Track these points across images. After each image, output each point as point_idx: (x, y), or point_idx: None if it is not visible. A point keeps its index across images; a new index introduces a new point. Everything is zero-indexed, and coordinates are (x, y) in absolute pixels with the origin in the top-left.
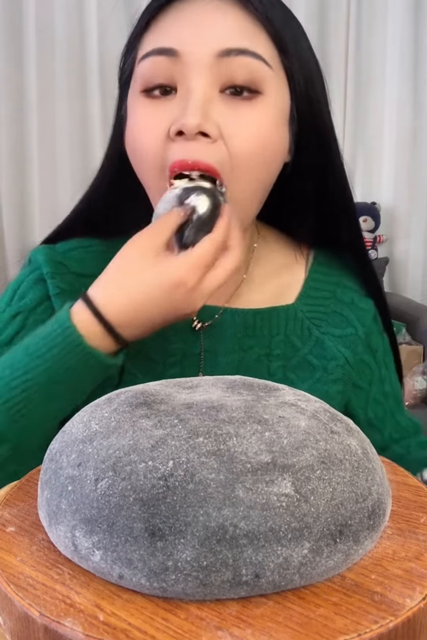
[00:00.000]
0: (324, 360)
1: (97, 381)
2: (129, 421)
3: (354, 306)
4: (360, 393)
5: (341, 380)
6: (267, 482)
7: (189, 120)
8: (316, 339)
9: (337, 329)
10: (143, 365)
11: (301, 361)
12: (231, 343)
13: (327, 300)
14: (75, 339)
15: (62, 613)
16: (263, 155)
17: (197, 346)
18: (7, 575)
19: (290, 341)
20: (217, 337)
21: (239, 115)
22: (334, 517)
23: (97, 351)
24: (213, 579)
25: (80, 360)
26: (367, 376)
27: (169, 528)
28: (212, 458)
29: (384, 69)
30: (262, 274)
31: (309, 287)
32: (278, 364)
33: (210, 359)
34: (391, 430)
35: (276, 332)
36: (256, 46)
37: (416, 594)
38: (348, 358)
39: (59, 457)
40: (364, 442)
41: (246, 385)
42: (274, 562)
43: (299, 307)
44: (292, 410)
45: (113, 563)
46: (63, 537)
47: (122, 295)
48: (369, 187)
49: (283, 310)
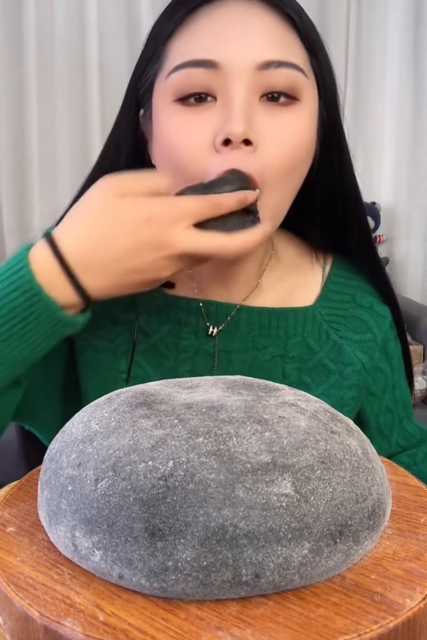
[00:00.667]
0: (340, 365)
1: (48, 337)
2: (129, 421)
3: (373, 311)
4: (373, 400)
5: (356, 387)
6: (267, 482)
7: (236, 128)
8: (334, 342)
9: (356, 334)
10: (154, 360)
11: (317, 365)
12: (244, 341)
13: (346, 304)
14: (25, 274)
15: (62, 613)
16: (298, 161)
17: (211, 345)
18: (7, 575)
19: (307, 344)
20: (232, 335)
21: (278, 122)
22: (334, 517)
23: (47, 295)
24: (213, 579)
25: (27, 300)
26: (382, 383)
27: (169, 528)
28: (212, 458)
29: (384, 68)
30: (277, 274)
31: (329, 289)
32: (293, 366)
33: (224, 358)
34: (398, 437)
35: (293, 333)
36: (293, 56)
37: (416, 594)
38: (365, 364)
39: (59, 457)
40: (364, 442)
41: (246, 386)
42: (274, 562)
43: (318, 310)
44: (292, 410)
45: (113, 563)
46: (63, 537)
47: (83, 227)
48: (369, 187)
49: (301, 312)
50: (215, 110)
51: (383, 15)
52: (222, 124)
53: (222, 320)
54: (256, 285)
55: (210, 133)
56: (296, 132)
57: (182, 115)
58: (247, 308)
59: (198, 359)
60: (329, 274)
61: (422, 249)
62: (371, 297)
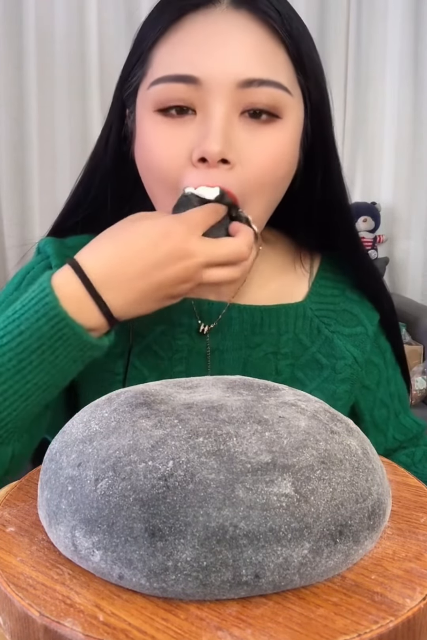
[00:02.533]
0: (332, 359)
1: (77, 361)
2: (129, 421)
3: (364, 305)
4: (367, 394)
5: (349, 380)
6: (267, 482)
7: (212, 148)
8: (325, 337)
9: (347, 328)
10: (149, 361)
11: (310, 360)
12: (237, 340)
13: (337, 298)
14: (50, 301)
15: (62, 613)
16: (277, 177)
17: (203, 344)
18: (7, 575)
19: (298, 339)
20: (224, 334)
21: (258, 139)
22: (334, 517)
23: (73, 320)
24: (213, 579)
25: (54, 327)
26: (375, 377)
27: (169, 528)
28: (212, 458)
29: (384, 68)
30: (266, 272)
31: (319, 284)
32: (286, 363)
33: (218, 356)
34: (394, 432)
35: (285, 330)
36: (276, 74)
37: (416, 594)
38: (357, 357)
39: (59, 457)
40: (364, 442)
41: (246, 386)
42: (274, 562)
43: (309, 305)
44: (292, 410)
45: (113, 563)
46: (63, 537)
47: (105, 249)
48: (369, 187)
49: (292, 308)
50: (194, 125)
51: (383, 15)
52: (199, 140)
53: (215, 319)
54: (244, 281)
55: (187, 147)
56: (275, 151)
57: (162, 126)
58: (239, 306)
59: (192, 359)
60: (318, 269)
61: (422, 249)
62: (360, 291)
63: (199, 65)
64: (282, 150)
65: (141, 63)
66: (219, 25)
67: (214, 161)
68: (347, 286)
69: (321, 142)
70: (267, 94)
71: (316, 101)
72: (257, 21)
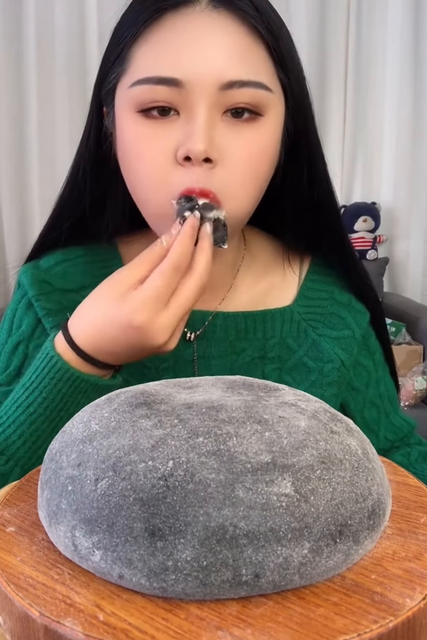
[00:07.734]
0: (320, 362)
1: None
2: (129, 421)
3: (352, 308)
4: (357, 395)
5: (336, 383)
6: (267, 482)
7: (196, 147)
8: (312, 340)
9: (334, 331)
10: (137, 371)
11: (297, 363)
12: (223, 346)
13: (325, 302)
14: (62, 366)
15: (62, 613)
16: (259, 172)
17: (189, 352)
18: (7, 575)
19: (285, 343)
20: (210, 341)
21: (240, 138)
22: (334, 517)
23: (86, 374)
24: (213, 579)
25: (71, 385)
26: (364, 378)
27: (169, 528)
28: (212, 458)
29: (384, 69)
30: (251, 276)
31: (307, 288)
32: (273, 367)
33: (204, 364)
34: (386, 432)
35: (271, 334)
36: (257, 73)
37: (416, 594)
38: (344, 360)
39: (59, 457)
40: (364, 442)
41: (246, 385)
42: (274, 562)
43: (296, 309)
44: (292, 410)
45: (113, 563)
46: (63, 537)
47: (89, 328)
48: (369, 187)
49: (278, 313)
50: (178, 125)
51: (383, 15)
52: (184, 139)
53: (200, 326)
54: (230, 286)
55: (172, 146)
56: (257, 148)
57: (145, 127)
58: (224, 314)
59: (179, 366)
60: (307, 272)
61: (422, 249)
62: (349, 294)
63: (182, 67)
64: (264, 147)
65: (120, 61)
66: (199, 26)
67: (198, 160)
68: (336, 288)
69: (304, 136)
70: (249, 95)
71: (297, 96)
72: (237, 20)
